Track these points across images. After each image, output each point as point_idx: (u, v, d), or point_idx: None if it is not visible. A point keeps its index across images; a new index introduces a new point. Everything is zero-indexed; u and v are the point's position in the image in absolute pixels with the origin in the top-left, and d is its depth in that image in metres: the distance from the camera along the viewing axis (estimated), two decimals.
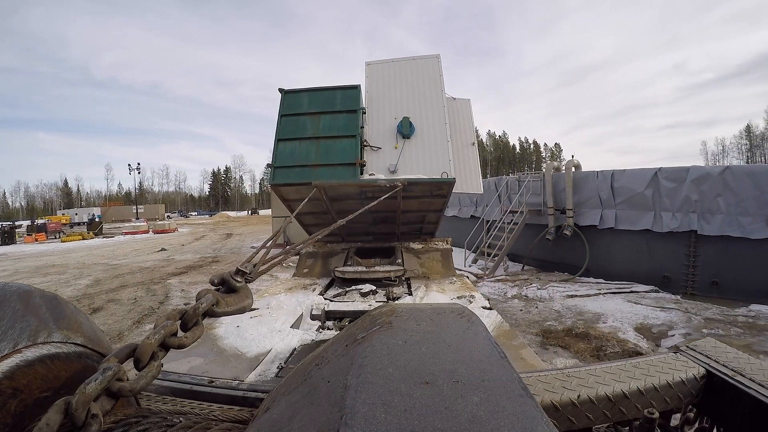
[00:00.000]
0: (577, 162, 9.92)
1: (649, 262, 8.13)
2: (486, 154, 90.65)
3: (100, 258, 14.99)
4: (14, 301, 0.52)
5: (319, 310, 2.78)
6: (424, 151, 3.97)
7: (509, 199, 11.40)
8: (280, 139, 3.93)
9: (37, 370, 0.47)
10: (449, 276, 4.03)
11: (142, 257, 14.68)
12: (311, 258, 4.48)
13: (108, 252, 17.17)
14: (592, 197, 9.09)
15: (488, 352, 0.45)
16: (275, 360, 2.02)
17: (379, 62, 4.46)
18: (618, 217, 8.55)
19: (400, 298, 3.10)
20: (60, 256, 16.04)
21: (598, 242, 9.01)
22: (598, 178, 8.91)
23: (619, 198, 8.51)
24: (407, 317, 0.55)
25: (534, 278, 9.16)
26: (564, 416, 0.78)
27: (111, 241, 23.59)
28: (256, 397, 1.24)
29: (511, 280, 9.06)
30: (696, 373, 0.88)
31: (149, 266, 12.09)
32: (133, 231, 28.35)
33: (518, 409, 0.34)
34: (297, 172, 3.78)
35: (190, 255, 14.68)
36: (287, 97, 4.12)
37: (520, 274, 9.87)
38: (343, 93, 4.06)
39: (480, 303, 2.92)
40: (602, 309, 6.63)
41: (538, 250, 10.22)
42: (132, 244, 20.42)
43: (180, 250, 16.56)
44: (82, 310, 0.62)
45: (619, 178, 8.53)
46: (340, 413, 0.33)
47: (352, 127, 3.92)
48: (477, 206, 13.40)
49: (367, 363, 0.42)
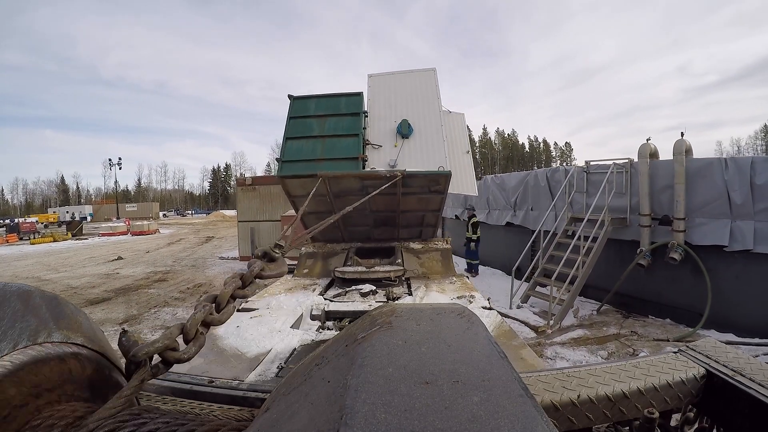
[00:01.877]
0: (689, 144, 6.18)
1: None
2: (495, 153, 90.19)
3: (42, 269, 13.34)
4: (14, 301, 0.52)
5: (319, 310, 2.79)
6: (422, 149, 4.17)
7: (572, 201, 7.83)
8: (288, 138, 4.21)
9: (38, 370, 0.47)
10: (449, 276, 4.04)
11: (86, 269, 13.02)
12: (311, 258, 4.49)
13: (59, 260, 15.34)
14: (717, 200, 5.74)
15: (488, 352, 0.45)
16: (275, 360, 2.02)
17: (381, 75, 4.75)
18: (758, 233, 5.36)
19: (400, 298, 3.10)
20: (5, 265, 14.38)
21: (723, 273, 5.74)
22: (729, 170, 5.60)
23: (763, 203, 5.32)
24: (407, 317, 0.55)
25: (629, 333, 5.99)
26: (564, 416, 0.78)
27: (80, 244, 21.99)
28: (256, 397, 1.24)
29: (596, 339, 5.83)
30: (696, 373, 0.88)
31: (79, 285, 10.36)
32: (110, 232, 26.64)
33: (518, 409, 0.34)
34: (303, 166, 4.01)
35: (141, 268, 12.94)
36: (296, 103, 4.40)
37: (599, 321, 6.55)
38: (347, 99, 4.38)
39: (480, 303, 2.92)
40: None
41: (624, 281, 6.67)
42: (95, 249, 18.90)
43: (137, 260, 14.79)
44: (82, 310, 0.62)
45: (765, 169, 5.31)
46: (340, 413, 0.33)
47: (355, 127, 4.19)
48: (516, 209, 9.48)
49: (367, 363, 0.42)
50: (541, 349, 5.52)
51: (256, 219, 12.54)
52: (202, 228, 33.05)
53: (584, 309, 7.06)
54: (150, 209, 53.63)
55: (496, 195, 10.52)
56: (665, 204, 6.35)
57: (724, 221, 5.70)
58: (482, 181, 11.45)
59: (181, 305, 8.16)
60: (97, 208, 53.03)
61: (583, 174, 7.71)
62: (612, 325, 6.39)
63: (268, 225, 12.37)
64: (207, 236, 24.48)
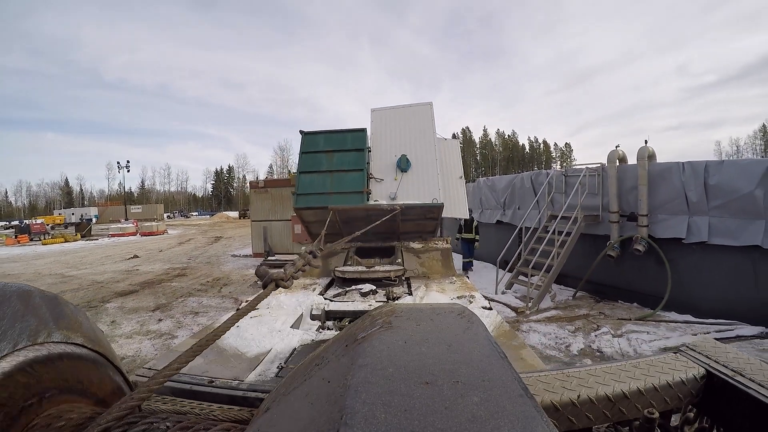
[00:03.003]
0: (651, 150, 7.14)
1: (754, 291, 5.81)
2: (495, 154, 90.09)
3: (63, 267, 13.80)
4: (14, 301, 0.52)
5: (319, 310, 2.78)
6: (419, 182, 4.70)
7: (552, 201, 8.80)
8: (301, 172, 4.70)
9: (37, 370, 0.47)
10: (449, 276, 4.04)
11: (105, 266, 13.53)
12: None
13: (77, 259, 15.88)
14: (676, 199, 6.58)
15: (488, 352, 0.45)
16: (275, 360, 2.01)
17: (382, 109, 5.27)
18: (712, 227, 6.16)
19: (400, 298, 3.10)
20: (24, 263, 15.00)
21: (682, 262, 6.58)
22: (686, 172, 6.47)
23: (715, 200, 6.14)
24: (407, 317, 0.55)
25: (597, 314, 6.76)
26: (564, 416, 0.78)
27: (92, 244, 22.50)
28: (256, 397, 1.23)
29: (567, 318, 6.61)
30: (696, 373, 0.88)
31: (104, 280, 10.86)
32: (120, 233, 27.17)
33: (518, 409, 0.34)
34: (315, 198, 4.51)
35: (159, 265, 13.41)
36: (306, 138, 4.88)
37: (573, 305, 7.43)
38: (353, 135, 4.84)
39: (480, 303, 2.92)
40: None
41: (595, 270, 7.58)
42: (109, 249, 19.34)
43: (153, 258, 15.32)
44: (82, 310, 0.62)
45: (716, 171, 6.13)
46: (340, 413, 0.33)
47: (360, 162, 4.65)
48: (505, 209, 10.55)
49: (367, 363, 0.42)
50: (519, 325, 6.23)
51: (268, 219, 13.57)
52: (208, 229, 33.52)
53: (562, 295, 7.88)
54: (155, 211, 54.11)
55: (487, 196, 11.55)
56: (631, 202, 7.20)
57: (682, 217, 6.55)
58: (475, 183, 12.52)
59: (204, 295, 8.56)
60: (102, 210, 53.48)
61: (562, 177, 8.73)
62: (584, 307, 7.17)
63: (280, 224, 13.31)
64: (215, 236, 24.79)
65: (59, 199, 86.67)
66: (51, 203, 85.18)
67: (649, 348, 5.50)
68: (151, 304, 8.05)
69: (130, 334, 6.24)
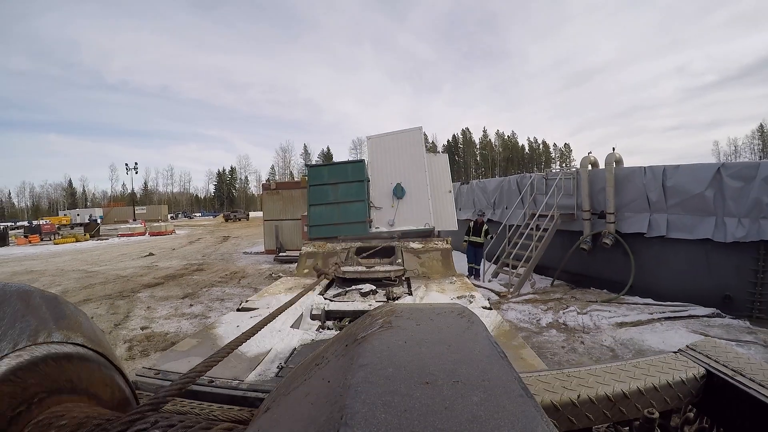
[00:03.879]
0: (618, 156, 8.16)
1: (707, 278, 6.70)
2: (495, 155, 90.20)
3: (82, 263, 14.36)
4: (14, 301, 0.52)
5: (319, 310, 2.78)
6: (413, 207, 5.37)
7: (535, 201, 9.75)
8: (311, 205, 5.34)
9: (37, 370, 0.47)
10: (449, 276, 4.03)
11: (125, 263, 14.08)
12: (311, 258, 4.49)
13: (93, 257, 16.52)
14: (639, 199, 7.52)
15: (488, 352, 0.45)
16: (275, 360, 2.01)
17: (378, 136, 6.00)
18: (670, 223, 7.08)
19: (400, 298, 3.10)
20: (43, 261, 15.54)
21: (645, 253, 7.50)
22: (647, 176, 7.41)
23: (673, 200, 7.04)
24: (407, 317, 0.55)
25: (569, 298, 7.78)
26: (564, 416, 0.78)
27: (104, 243, 23.12)
28: (256, 397, 1.23)
29: (542, 300, 7.64)
30: (696, 373, 0.88)
31: (127, 274, 11.51)
32: (129, 233, 27.79)
33: (518, 409, 0.34)
34: (326, 229, 5.20)
35: (176, 261, 14.00)
36: (312, 170, 5.75)
37: (550, 291, 8.44)
38: (353, 166, 5.56)
39: (480, 303, 2.92)
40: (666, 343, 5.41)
41: (571, 262, 8.61)
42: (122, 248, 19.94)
43: (168, 255, 15.84)
44: (82, 311, 0.62)
45: (673, 175, 7.08)
46: (340, 413, 0.33)
47: (361, 193, 5.32)
48: (495, 208, 11.53)
49: (367, 363, 0.42)
50: (500, 306, 7.20)
51: (279, 218, 14.76)
52: (214, 229, 34.25)
53: (541, 283, 8.92)
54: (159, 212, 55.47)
55: (479, 197, 12.71)
56: (601, 202, 8.17)
57: (644, 214, 7.46)
58: (469, 185, 13.72)
59: (225, 286, 9.26)
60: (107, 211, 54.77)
61: (543, 180, 9.80)
62: (559, 293, 8.13)
63: (290, 223, 14.36)
64: (223, 236, 25.29)
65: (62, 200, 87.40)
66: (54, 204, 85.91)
67: (608, 323, 6.33)
68: (179, 294, 8.67)
69: (168, 316, 6.85)
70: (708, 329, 5.94)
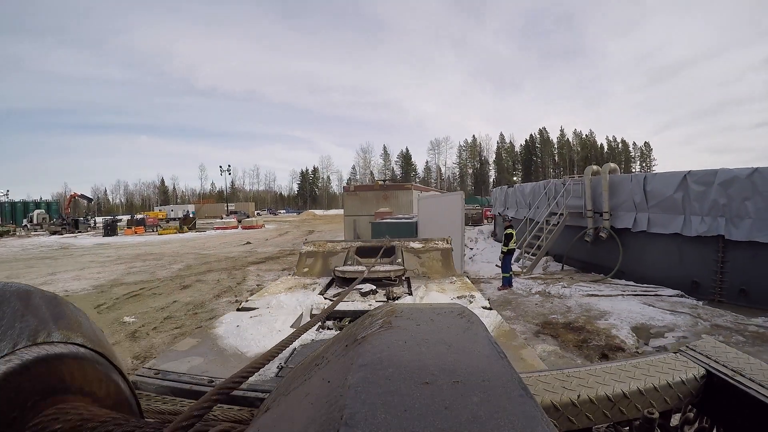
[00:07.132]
0: (614, 166, 10.70)
1: (679, 266, 8.07)
2: (573, 154, 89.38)
3: (192, 249, 17.16)
4: (14, 301, 0.52)
5: (319, 310, 2.78)
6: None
7: (557, 202, 11.74)
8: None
9: (37, 370, 0.47)
10: (449, 276, 4.03)
11: (228, 249, 16.57)
12: (311, 257, 4.48)
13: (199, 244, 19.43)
14: (627, 200, 9.32)
15: (488, 352, 0.45)
16: (275, 360, 2.01)
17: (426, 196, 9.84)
18: (650, 220, 8.68)
19: (400, 298, 3.09)
20: (157, 247, 18.31)
21: (631, 245, 9.19)
22: (632, 182, 9.23)
23: (652, 201, 8.63)
24: (407, 317, 0.55)
25: (567, 278, 9.64)
26: (564, 416, 0.78)
27: (203, 234, 26.26)
28: (256, 397, 1.23)
29: (544, 278, 9.52)
30: (696, 373, 0.88)
31: (234, 256, 13.98)
32: (224, 226, 31.10)
33: (518, 409, 0.34)
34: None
35: (270, 248, 16.76)
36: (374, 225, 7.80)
37: (557, 273, 10.30)
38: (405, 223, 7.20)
39: (480, 303, 2.92)
40: (612, 308, 6.66)
41: (577, 251, 10.70)
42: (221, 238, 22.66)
43: (263, 244, 18.58)
44: (82, 310, 0.62)
45: (651, 181, 8.79)
46: (340, 413, 0.33)
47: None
48: (530, 208, 13.86)
49: (367, 363, 0.42)
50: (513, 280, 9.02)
51: (357, 214, 18.08)
52: (299, 224, 37.52)
53: (553, 267, 11.24)
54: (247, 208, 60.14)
55: (519, 199, 15.63)
56: (600, 203, 10.11)
57: (631, 213, 9.32)
58: (512, 188, 16.88)
59: None
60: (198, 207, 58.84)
61: (561, 185, 12.06)
62: (563, 274, 10.23)
63: (365, 218, 17.24)
64: (308, 230, 28.20)
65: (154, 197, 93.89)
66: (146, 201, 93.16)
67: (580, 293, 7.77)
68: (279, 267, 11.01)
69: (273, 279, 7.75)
70: (657, 302, 7.09)
